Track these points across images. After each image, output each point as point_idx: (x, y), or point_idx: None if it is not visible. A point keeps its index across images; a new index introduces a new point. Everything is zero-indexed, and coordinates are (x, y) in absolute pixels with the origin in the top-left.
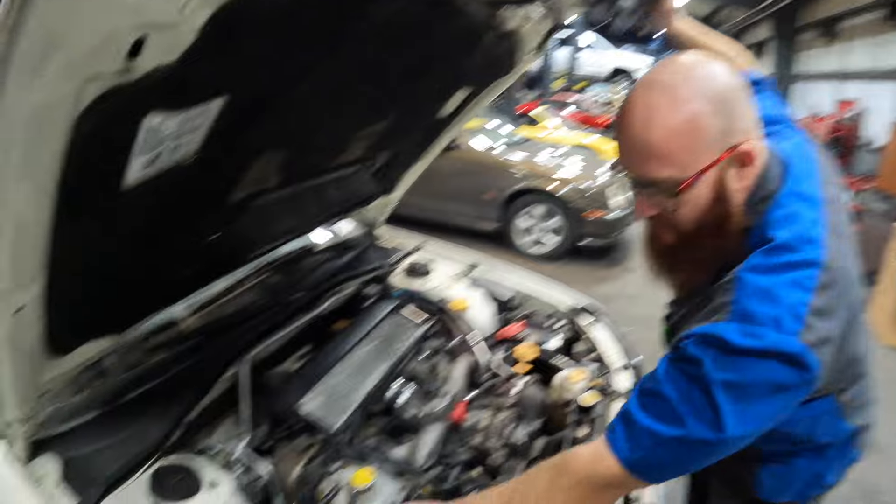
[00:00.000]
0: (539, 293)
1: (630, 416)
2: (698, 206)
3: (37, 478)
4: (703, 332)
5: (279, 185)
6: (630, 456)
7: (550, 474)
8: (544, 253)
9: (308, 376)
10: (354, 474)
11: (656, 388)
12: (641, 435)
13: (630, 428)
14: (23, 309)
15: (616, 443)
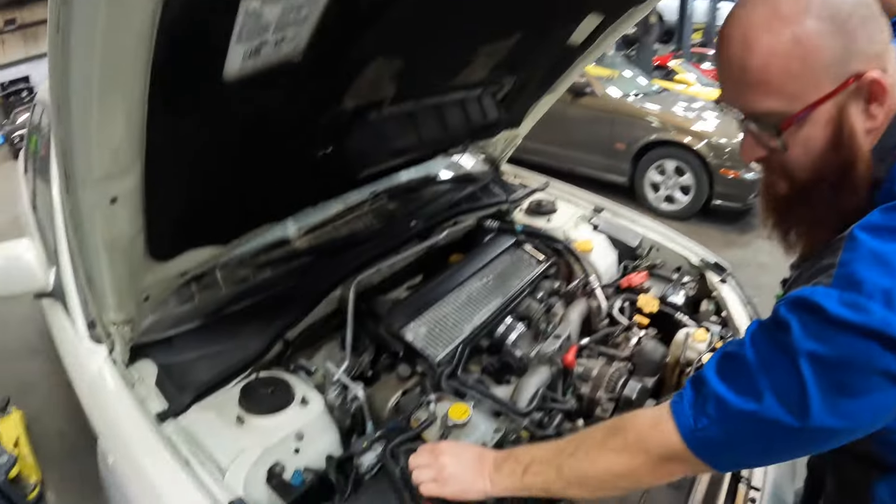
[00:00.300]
0: (667, 244)
1: (702, 378)
2: (813, 149)
3: (133, 381)
4: (798, 295)
5: (395, 100)
6: (691, 425)
7: (605, 432)
8: (674, 211)
9: (416, 304)
10: (451, 407)
11: (738, 350)
12: (709, 401)
13: (698, 392)
14: (118, 200)
15: (679, 408)
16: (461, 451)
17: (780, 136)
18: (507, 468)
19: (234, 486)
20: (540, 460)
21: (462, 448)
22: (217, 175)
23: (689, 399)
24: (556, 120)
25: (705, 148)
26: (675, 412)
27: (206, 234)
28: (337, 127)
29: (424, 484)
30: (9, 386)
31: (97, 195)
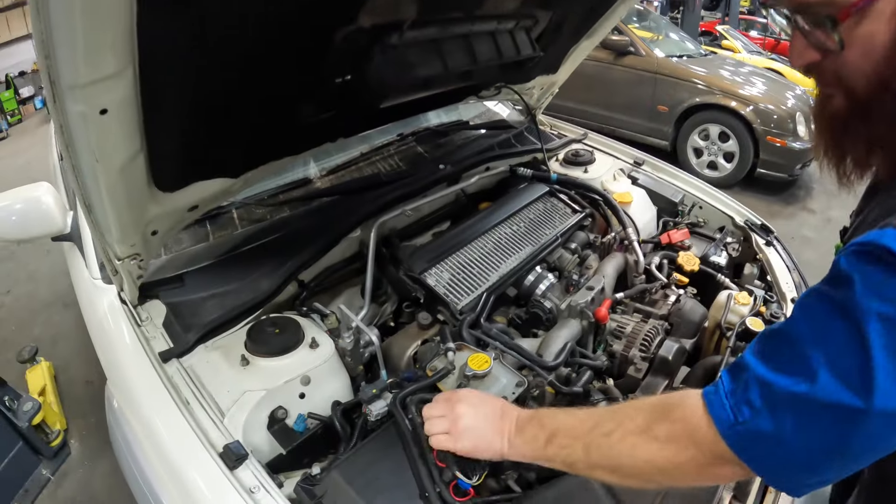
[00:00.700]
0: (711, 202)
1: (740, 363)
2: (875, 50)
3: (141, 320)
4: (862, 241)
5: (416, 24)
6: (730, 418)
7: (649, 414)
8: (716, 178)
9: (440, 248)
10: (471, 357)
11: (785, 326)
12: (750, 387)
13: (737, 378)
14: (109, 112)
15: (714, 398)
16: (481, 403)
17: (835, 31)
18: (529, 432)
19: (232, 430)
20: (567, 432)
21: (483, 399)
22: (222, 95)
23: (726, 386)
24: (597, 79)
25: (752, 113)
26: (709, 402)
27: (215, 165)
28: (355, 50)
29: (436, 436)
30: (42, 336)
31: (85, 104)
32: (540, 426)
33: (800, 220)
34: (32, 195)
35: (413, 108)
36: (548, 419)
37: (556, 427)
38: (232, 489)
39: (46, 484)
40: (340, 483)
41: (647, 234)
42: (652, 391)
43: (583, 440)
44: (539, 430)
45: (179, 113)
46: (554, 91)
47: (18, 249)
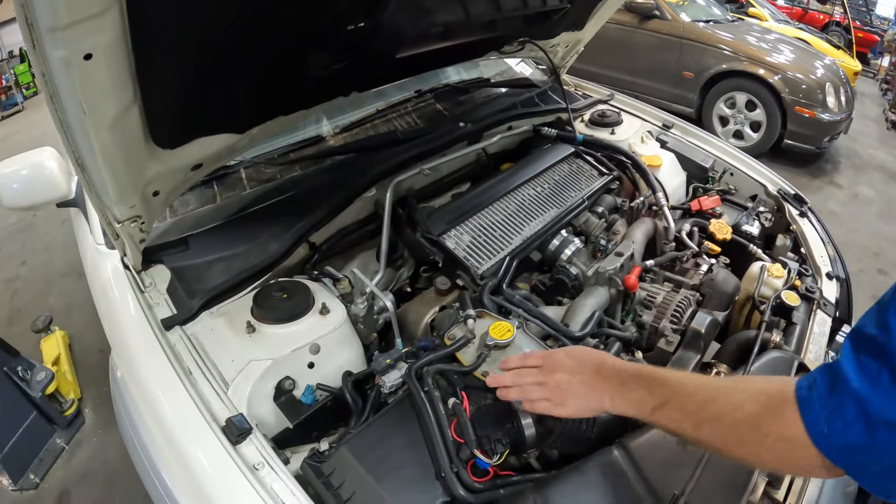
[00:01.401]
0: (743, 169)
1: (839, 371)
2: None
3: (144, 286)
4: None
5: None
6: (822, 430)
7: (758, 410)
8: (742, 147)
9: (460, 210)
10: (492, 325)
11: (884, 338)
12: (846, 404)
13: (833, 389)
14: (94, 57)
15: (809, 409)
16: (579, 366)
17: None
18: (635, 394)
19: (236, 402)
20: (678, 405)
21: (580, 359)
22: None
23: (820, 391)
24: (621, 43)
25: (780, 82)
26: (803, 408)
27: (218, 119)
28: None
29: (536, 402)
30: (56, 305)
31: (67, 49)
32: (648, 391)
33: (826, 194)
34: (36, 160)
35: (431, 62)
36: (656, 385)
37: (665, 396)
38: (234, 466)
39: (61, 453)
40: (350, 460)
41: (675, 199)
42: (684, 365)
43: (692, 418)
44: (647, 394)
45: (176, 59)
46: (579, 49)
47: (35, 220)
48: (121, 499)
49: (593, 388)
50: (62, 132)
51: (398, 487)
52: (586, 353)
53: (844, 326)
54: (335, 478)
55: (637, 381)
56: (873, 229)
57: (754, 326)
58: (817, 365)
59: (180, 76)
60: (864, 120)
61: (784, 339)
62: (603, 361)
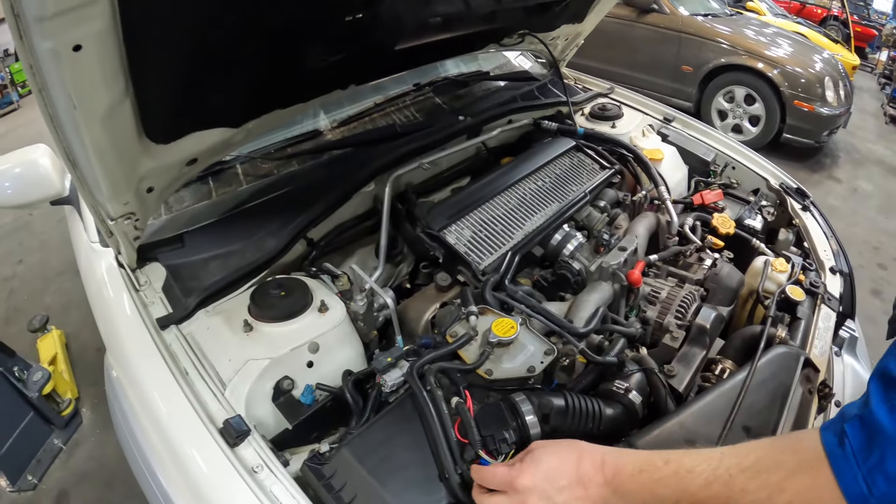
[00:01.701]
0: (744, 162)
1: (872, 420)
2: None
3: (139, 285)
4: None
5: None
6: (862, 492)
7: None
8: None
9: (461, 204)
10: (495, 322)
11: None
12: (887, 455)
13: (869, 441)
14: (83, 49)
15: (845, 467)
16: (555, 490)
17: None
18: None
19: (234, 403)
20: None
21: (551, 479)
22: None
23: (854, 446)
24: (619, 37)
25: (779, 76)
26: (838, 470)
27: (213, 113)
28: None
29: None
30: (53, 304)
31: (55, 39)
32: (652, 494)
33: (825, 189)
34: (29, 158)
35: (430, 54)
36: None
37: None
38: (232, 469)
39: (59, 454)
40: (351, 462)
41: (677, 194)
42: (689, 362)
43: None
44: (651, 498)
45: (169, 51)
46: (579, 42)
47: (31, 218)
48: (119, 499)
49: (573, 499)
50: (51, 127)
51: (401, 490)
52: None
53: (848, 321)
54: (336, 480)
55: (633, 481)
56: (873, 224)
57: (757, 321)
58: (823, 361)
59: (173, 68)
60: (862, 114)
61: (789, 335)
62: (582, 471)
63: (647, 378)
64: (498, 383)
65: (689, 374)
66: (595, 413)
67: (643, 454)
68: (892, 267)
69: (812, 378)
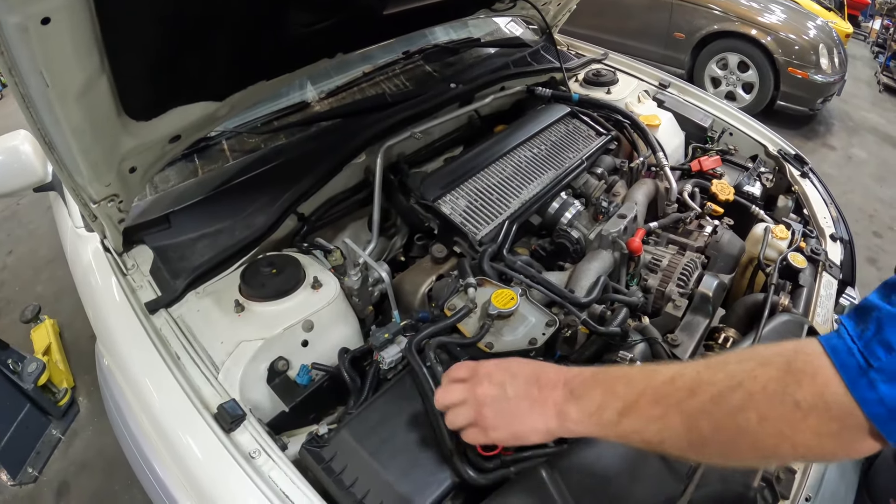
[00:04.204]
0: (742, 128)
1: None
2: None
3: (126, 269)
4: None
5: None
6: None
7: (777, 374)
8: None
9: (455, 173)
10: (494, 293)
11: None
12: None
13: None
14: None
15: (837, 342)
16: (509, 376)
17: None
18: (592, 400)
19: (228, 386)
20: (655, 398)
21: (509, 369)
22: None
23: (850, 329)
24: (610, 4)
25: (773, 43)
26: (831, 349)
27: (194, 87)
28: None
29: (465, 431)
30: (45, 293)
31: (21, 13)
32: (608, 392)
33: (820, 156)
34: (9, 145)
35: (419, 20)
36: (620, 383)
37: (635, 392)
38: (229, 456)
39: (58, 444)
40: (351, 443)
41: (675, 160)
42: (693, 331)
43: (681, 410)
44: (608, 396)
45: (144, 20)
46: (571, 7)
47: (18, 208)
48: (120, 487)
49: (532, 403)
50: (24, 108)
51: (403, 471)
52: (521, 363)
53: (849, 289)
54: (336, 463)
55: (592, 384)
56: (867, 191)
57: (758, 289)
58: (826, 328)
59: (150, 39)
60: (856, 82)
61: (792, 302)
62: (543, 370)
63: (650, 348)
64: (499, 356)
65: (693, 343)
66: None
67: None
68: (888, 235)
69: None
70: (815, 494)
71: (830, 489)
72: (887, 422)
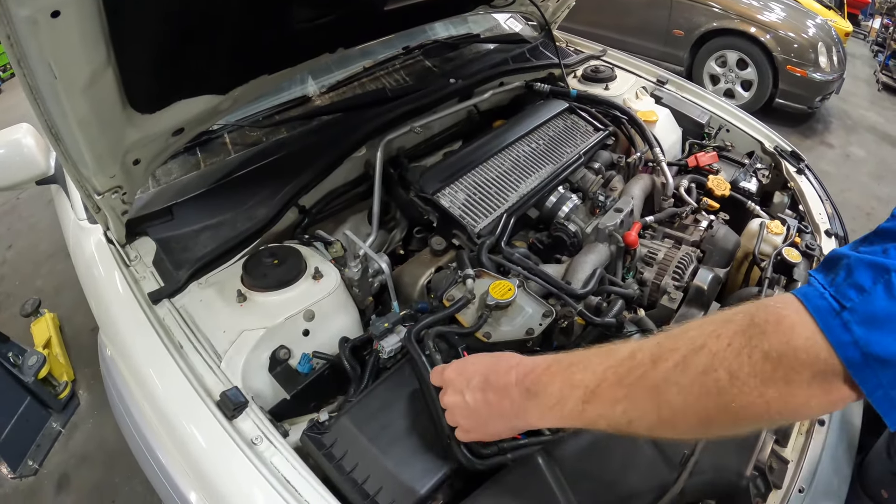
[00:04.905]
0: (738, 125)
1: (833, 255)
2: None
3: (129, 260)
4: None
5: None
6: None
7: (742, 329)
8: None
9: (454, 167)
10: (492, 284)
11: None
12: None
13: (832, 268)
14: (61, 14)
15: (808, 290)
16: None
17: None
18: (549, 398)
19: (230, 374)
20: (617, 378)
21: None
22: None
23: (820, 279)
24: (609, 1)
25: (772, 41)
26: (804, 295)
27: (198, 81)
28: None
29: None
30: (45, 287)
31: (32, 6)
32: (566, 383)
33: (818, 154)
34: (12, 138)
35: (420, 16)
36: (577, 369)
37: (594, 376)
38: (231, 442)
39: (58, 437)
40: (351, 430)
41: (672, 156)
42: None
43: (645, 386)
44: (566, 388)
45: (151, 14)
46: (571, 4)
47: (18, 202)
48: (121, 479)
49: (490, 408)
50: (32, 99)
51: (402, 457)
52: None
53: None
54: (337, 449)
55: (547, 377)
56: (865, 189)
57: (753, 284)
58: None
59: (156, 33)
60: (854, 81)
61: None
62: (494, 370)
63: None
64: (497, 347)
65: None
66: None
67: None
68: None
69: None
70: (809, 486)
71: (824, 481)
72: (862, 367)
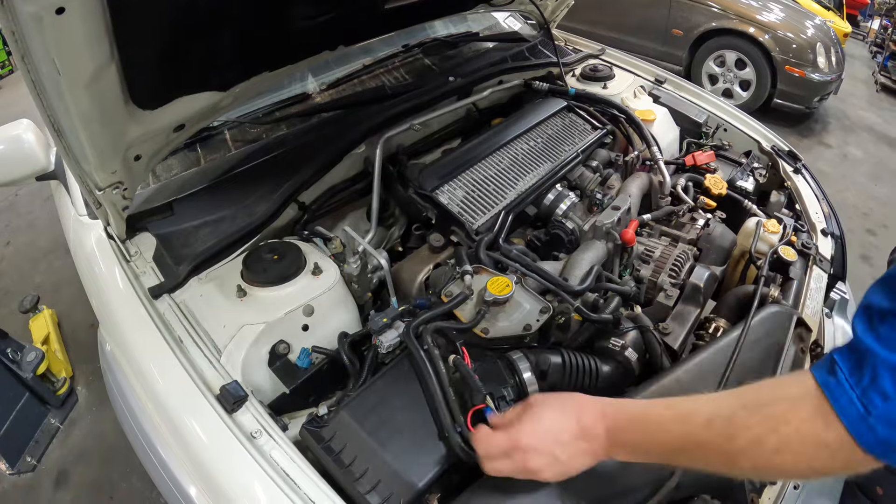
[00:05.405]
0: (736, 124)
1: (859, 346)
2: None
3: (130, 256)
4: None
5: None
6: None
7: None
8: None
9: (453, 164)
10: (490, 280)
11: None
12: (879, 375)
13: (860, 365)
14: (66, 11)
15: (840, 398)
16: (554, 443)
17: None
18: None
19: (230, 369)
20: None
21: (550, 433)
22: None
23: (846, 373)
24: (611, 3)
25: (771, 41)
26: (832, 395)
27: (200, 77)
28: None
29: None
30: (43, 284)
31: (37, 2)
32: (650, 441)
33: (815, 154)
34: (12, 134)
35: (420, 14)
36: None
37: (676, 440)
38: (231, 436)
39: (56, 433)
40: (350, 423)
41: (669, 154)
42: (684, 320)
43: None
44: (651, 445)
45: (154, 11)
46: (570, 3)
47: (16, 199)
48: (119, 475)
49: (583, 455)
50: (35, 95)
51: (401, 450)
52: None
53: (839, 284)
54: (336, 442)
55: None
56: (862, 189)
57: (749, 282)
58: (815, 321)
59: (159, 30)
60: (853, 81)
61: (782, 294)
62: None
63: (642, 336)
64: (494, 342)
65: (684, 332)
66: (591, 370)
67: (643, 402)
68: (882, 233)
69: (805, 337)
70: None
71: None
72: (885, 455)
